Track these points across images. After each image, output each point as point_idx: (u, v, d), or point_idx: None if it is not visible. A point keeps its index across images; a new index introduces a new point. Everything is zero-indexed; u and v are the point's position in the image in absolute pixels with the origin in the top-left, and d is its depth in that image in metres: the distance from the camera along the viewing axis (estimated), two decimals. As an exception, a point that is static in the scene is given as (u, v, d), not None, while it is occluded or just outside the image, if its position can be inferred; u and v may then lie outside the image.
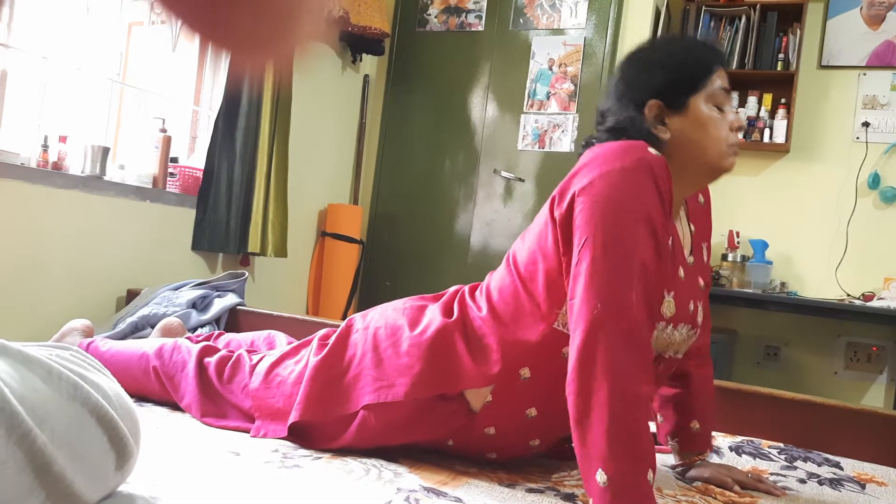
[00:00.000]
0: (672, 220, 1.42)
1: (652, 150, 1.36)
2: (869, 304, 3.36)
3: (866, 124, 3.70)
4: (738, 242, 3.75)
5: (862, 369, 3.65)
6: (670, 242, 1.42)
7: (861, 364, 3.65)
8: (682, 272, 1.47)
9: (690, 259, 1.56)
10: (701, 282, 1.60)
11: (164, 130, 3.06)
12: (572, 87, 3.81)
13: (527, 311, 1.48)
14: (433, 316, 1.63)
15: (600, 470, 1.16)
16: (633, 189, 1.32)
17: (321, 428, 1.66)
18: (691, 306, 1.49)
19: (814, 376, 3.63)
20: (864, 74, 3.75)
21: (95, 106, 2.94)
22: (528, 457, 1.71)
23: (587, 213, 1.33)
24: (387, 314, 1.71)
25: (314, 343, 1.79)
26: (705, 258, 1.67)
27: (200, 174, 3.18)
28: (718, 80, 1.47)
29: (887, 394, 3.59)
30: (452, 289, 1.73)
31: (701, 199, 1.71)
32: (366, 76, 4.27)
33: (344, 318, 3.93)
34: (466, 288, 1.68)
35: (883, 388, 3.61)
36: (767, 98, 3.79)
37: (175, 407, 1.90)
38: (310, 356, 1.75)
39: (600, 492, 1.16)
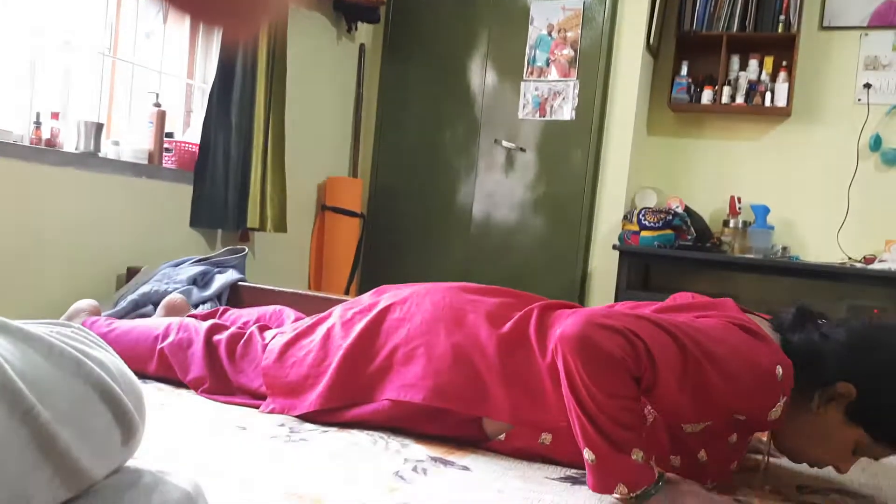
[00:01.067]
0: None
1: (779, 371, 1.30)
2: (870, 266, 3.35)
3: (868, 86, 3.66)
4: (740, 208, 3.73)
5: (865, 332, 3.65)
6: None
7: (864, 327, 3.65)
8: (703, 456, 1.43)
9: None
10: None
11: (158, 105, 3.03)
12: (572, 53, 3.77)
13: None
14: (483, 329, 1.59)
15: (587, 449, 1.25)
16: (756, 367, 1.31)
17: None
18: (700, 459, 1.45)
19: (816, 340, 3.63)
20: (866, 35, 3.70)
21: (87, 81, 2.91)
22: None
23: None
24: (425, 307, 1.68)
25: (336, 322, 1.76)
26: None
27: (196, 149, 3.15)
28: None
29: (890, 356, 3.60)
30: (527, 307, 1.66)
31: None
32: (361, 45, 4.22)
33: (346, 292, 3.92)
34: (537, 312, 1.61)
35: (885, 350, 3.61)
36: (768, 61, 3.75)
37: (180, 384, 1.89)
38: (332, 336, 1.72)
39: (589, 467, 1.26)
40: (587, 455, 1.26)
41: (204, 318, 2.12)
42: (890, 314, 3.61)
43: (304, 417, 1.67)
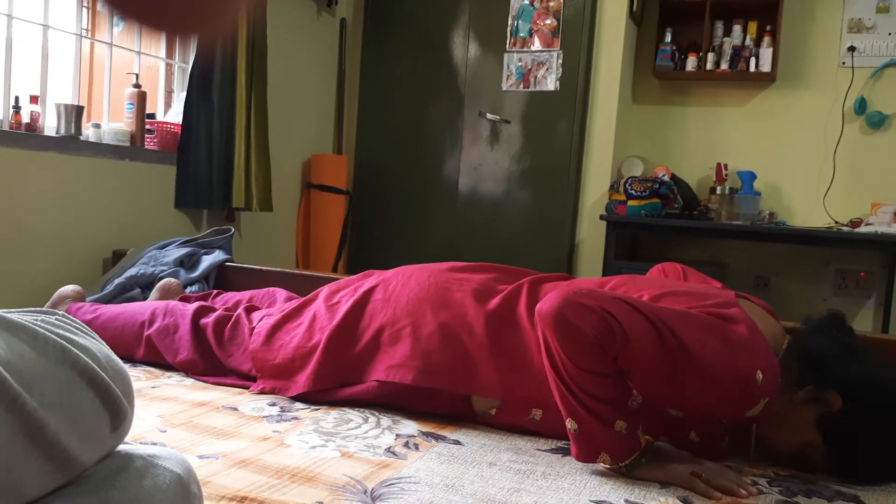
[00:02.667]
0: None
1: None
2: (857, 230, 3.37)
3: (852, 49, 3.65)
4: (727, 175, 3.73)
5: (851, 295, 3.68)
6: None
7: (850, 290, 3.68)
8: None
9: None
10: None
11: (138, 86, 2.99)
12: (555, 23, 3.74)
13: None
14: (470, 307, 1.59)
15: (569, 418, 1.28)
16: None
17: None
18: None
19: (804, 304, 3.66)
20: (849, -3, 3.69)
21: (64, 64, 2.86)
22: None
23: None
24: (410, 287, 1.68)
25: (321, 305, 1.76)
26: None
27: (179, 130, 3.12)
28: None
29: (875, 318, 3.63)
30: (517, 280, 1.66)
31: None
32: (342, 20, 4.18)
33: (335, 269, 3.92)
34: (527, 287, 1.62)
35: (871, 312, 3.65)
36: (752, 26, 3.73)
37: (169, 367, 1.89)
38: (317, 318, 1.72)
39: (572, 437, 1.30)
40: (570, 425, 1.28)
41: (195, 300, 2.11)
42: (876, 277, 3.64)
43: (295, 397, 1.67)
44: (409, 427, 1.51)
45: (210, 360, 1.83)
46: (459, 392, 1.54)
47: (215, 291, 2.26)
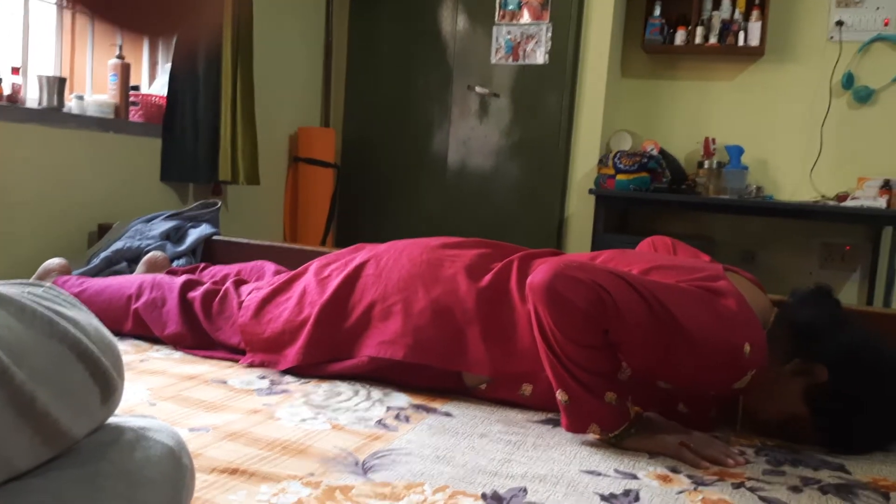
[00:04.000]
0: None
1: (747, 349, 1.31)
2: (843, 204, 3.39)
3: (840, 23, 3.65)
4: (714, 149, 3.73)
5: (836, 268, 3.71)
6: None
7: (835, 263, 3.71)
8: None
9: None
10: None
11: (121, 57, 2.94)
12: (543, -4, 3.70)
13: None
14: (462, 283, 1.59)
15: (560, 390, 1.29)
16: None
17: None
18: None
19: (790, 278, 3.68)
20: (838, -29, 3.68)
21: (46, 35, 2.82)
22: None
23: None
24: (402, 263, 1.67)
25: (311, 279, 1.75)
26: None
27: (164, 102, 3.08)
28: None
29: (860, 290, 3.66)
30: (507, 258, 1.66)
31: None
32: (329, -7, 4.12)
33: (323, 243, 3.90)
34: (517, 263, 1.62)
35: (857, 285, 3.68)
36: (741, 0, 3.72)
37: (157, 340, 1.88)
38: (308, 292, 1.72)
39: (562, 408, 1.30)
40: (560, 396, 1.29)
41: (183, 273, 2.10)
42: (861, 250, 3.67)
43: (284, 371, 1.67)
44: (400, 399, 1.52)
45: (198, 334, 1.82)
46: (450, 368, 1.55)
47: (203, 265, 2.25)
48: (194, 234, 2.58)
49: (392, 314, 1.60)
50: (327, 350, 1.64)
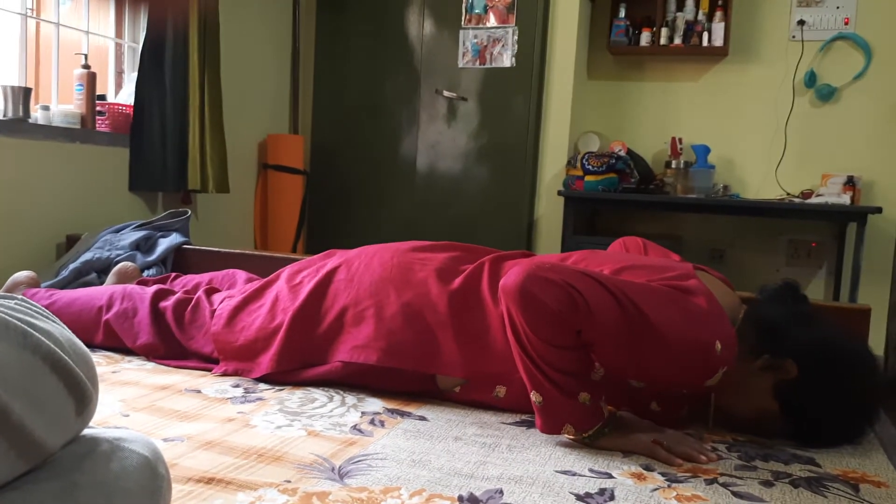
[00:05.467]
0: None
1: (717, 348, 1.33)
2: (808, 201, 3.45)
3: (801, 22, 3.72)
4: (681, 149, 3.78)
5: (803, 265, 3.77)
6: None
7: (802, 260, 3.78)
8: None
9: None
10: None
11: (87, 67, 2.91)
12: None
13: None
14: (433, 286, 1.60)
15: (534, 391, 1.30)
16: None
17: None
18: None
19: (758, 275, 3.74)
20: (798, -28, 3.75)
21: (10, 44, 2.78)
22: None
23: None
24: (373, 268, 1.68)
25: (283, 286, 1.75)
26: None
27: (131, 111, 3.05)
28: None
29: (827, 286, 3.73)
30: (479, 260, 1.67)
31: None
32: (296, -1, 4.11)
33: (294, 250, 3.89)
34: (489, 265, 1.63)
35: (823, 281, 3.74)
36: (705, 1, 3.77)
37: (129, 352, 1.86)
38: (280, 300, 1.71)
39: (536, 409, 1.32)
40: (534, 397, 1.30)
41: (154, 283, 2.08)
42: (826, 247, 3.74)
43: (258, 378, 1.66)
44: (375, 404, 1.52)
45: (171, 344, 1.81)
46: (424, 371, 1.55)
47: (173, 274, 2.23)
48: (164, 244, 2.56)
49: (364, 319, 1.60)
50: (300, 356, 1.64)
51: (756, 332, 1.42)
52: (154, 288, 1.91)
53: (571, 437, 1.31)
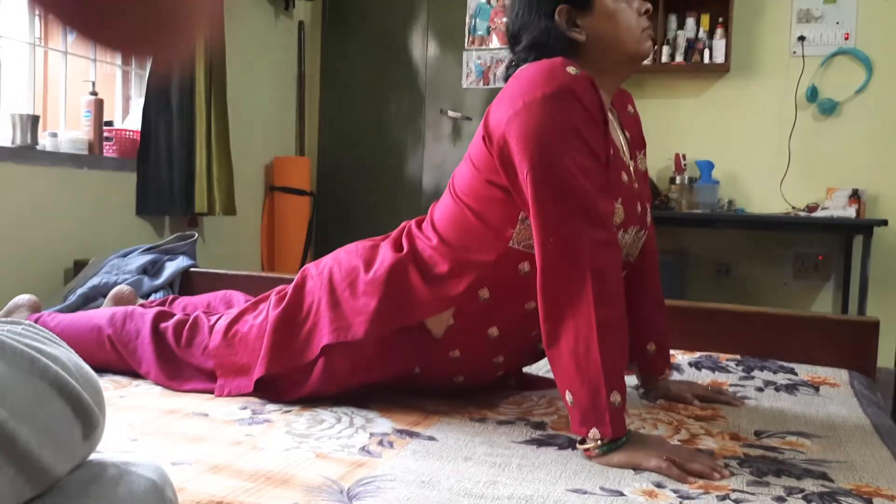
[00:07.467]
0: (609, 131, 1.43)
1: (571, 70, 1.35)
2: (813, 214, 3.45)
3: (802, 38, 3.73)
4: (685, 165, 3.79)
5: (810, 278, 3.76)
6: (611, 152, 1.43)
7: (809, 273, 3.77)
8: (624, 177, 1.49)
9: (631, 163, 1.57)
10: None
11: (94, 94, 2.94)
12: (511, 20, 3.76)
13: (479, 234, 1.49)
14: (385, 253, 1.62)
15: (567, 390, 1.30)
16: (557, 115, 1.33)
17: (287, 378, 1.65)
18: (639, 208, 1.53)
19: (765, 289, 3.74)
20: (798, -12, 3.77)
21: (19, 73, 2.81)
22: (493, 381, 1.74)
23: (519, 149, 1.35)
24: (340, 258, 1.69)
25: (272, 297, 1.77)
26: (642, 167, 1.69)
27: (138, 136, 3.08)
28: None
29: (835, 299, 3.72)
30: (400, 226, 1.71)
31: (630, 109, 1.72)
32: (300, 22, 4.15)
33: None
34: (412, 222, 1.67)
35: (831, 294, 3.73)
36: (705, 18, 3.80)
37: (135, 375, 1.87)
38: (269, 310, 1.73)
39: (570, 409, 1.31)
40: (568, 397, 1.31)
41: (154, 306, 2.09)
42: (833, 259, 3.73)
43: (265, 398, 1.66)
44: (383, 425, 1.52)
45: (173, 365, 1.81)
46: (409, 322, 1.54)
47: (171, 297, 2.24)
48: (171, 268, 2.57)
49: (341, 301, 1.60)
50: (289, 355, 1.63)
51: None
52: (155, 310, 1.92)
53: (591, 445, 1.30)
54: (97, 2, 0.40)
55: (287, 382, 1.65)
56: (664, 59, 3.79)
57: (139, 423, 1.49)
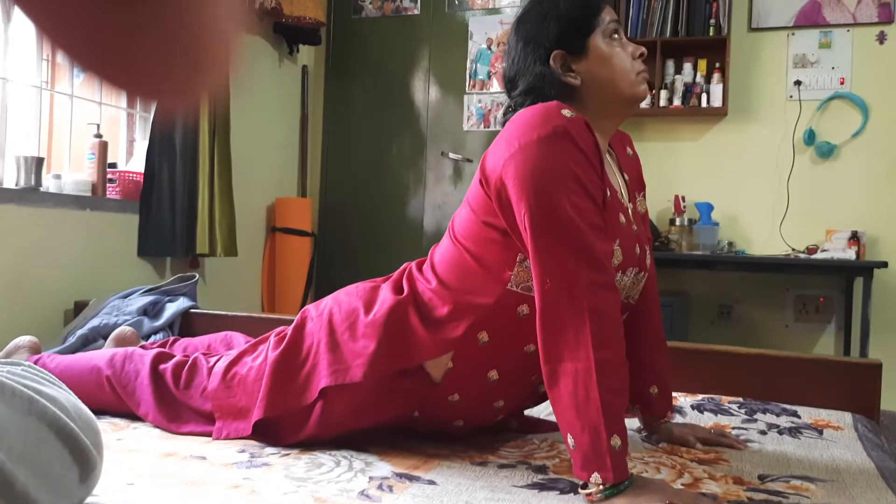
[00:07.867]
0: (605, 172, 1.44)
1: (566, 112, 1.37)
2: (813, 256, 3.46)
3: (798, 83, 3.78)
4: (685, 206, 3.81)
5: (811, 320, 3.76)
6: (607, 193, 1.43)
7: (810, 315, 3.76)
8: (622, 218, 1.49)
9: (629, 205, 1.58)
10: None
11: (99, 136, 2.98)
12: (511, 65, 3.82)
13: (477, 277, 1.49)
14: (385, 295, 1.62)
15: (569, 434, 1.28)
16: (553, 156, 1.34)
17: (286, 421, 1.64)
18: (637, 250, 1.53)
19: (767, 331, 3.73)
20: (793, 34, 3.83)
21: (24, 115, 2.85)
22: (494, 424, 1.73)
23: (516, 190, 1.36)
24: (340, 299, 1.69)
25: (271, 339, 1.77)
26: (641, 209, 1.70)
27: (141, 178, 3.10)
28: (608, 16, 1.51)
29: (837, 341, 3.70)
30: (400, 268, 1.72)
31: (629, 151, 1.74)
32: (304, 67, 4.22)
33: (300, 312, 3.89)
34: (413, 264, 1.68)
35: (833, 336, 3.72)
36: (702, 63, 3.85)
37: (134, 417, 1.85)
38: (268, 351, 1.72)
39: (572, 452, 1.29)
40: (569, 440, 1.29)
41: (153, 348, 2.09)
42: (834, 301, 3.72)
43: (263, 442, 1.65)
44: (383, 469, 1.50)
45: (171, 407, 1.80)
46: (408, 365, 1.53)
47: (172, 338, 2.23)
48: (172, 309, 2.57)
49: (340, 343, 1.60)
50: (288, 397, 1.62)
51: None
52: (154, 351, 1.91)
53: (593, 490, 1.28)
54: (114, 41, 0.40)
55: (286, 425, 1.64)
56: (662, 102, 3.83)
57: (137, 465, 1.47)
